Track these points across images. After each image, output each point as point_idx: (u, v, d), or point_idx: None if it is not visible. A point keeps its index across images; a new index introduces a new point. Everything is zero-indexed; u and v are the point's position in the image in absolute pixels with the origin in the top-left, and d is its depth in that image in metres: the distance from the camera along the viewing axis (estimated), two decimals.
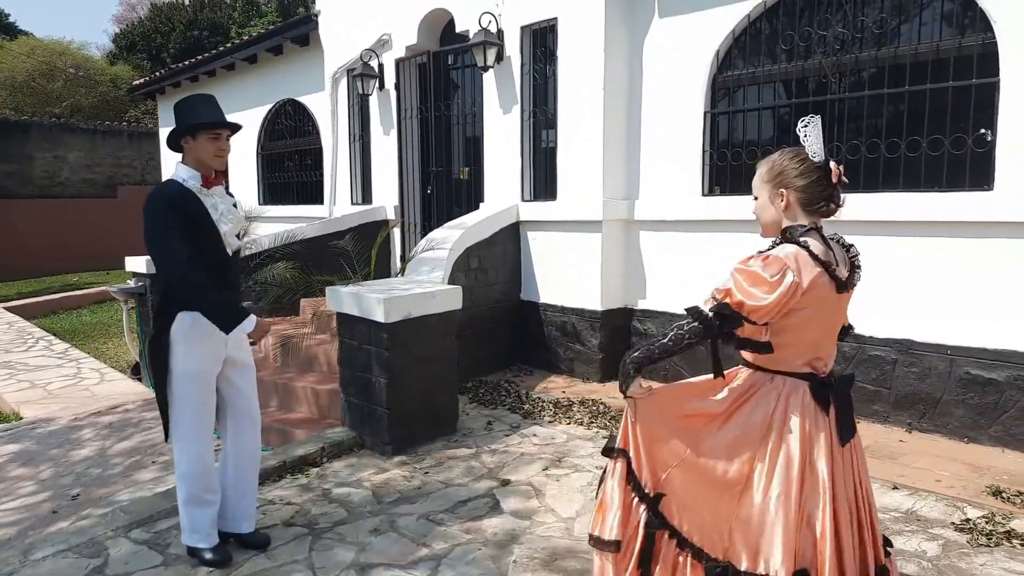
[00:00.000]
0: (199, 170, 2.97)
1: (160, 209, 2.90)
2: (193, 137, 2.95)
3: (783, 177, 2.13)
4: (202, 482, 3.14)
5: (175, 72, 11.91)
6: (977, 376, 4.31)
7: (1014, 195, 4.11)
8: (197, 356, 2.99)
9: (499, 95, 6.52)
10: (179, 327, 2.96)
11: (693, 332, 2.10)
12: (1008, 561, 3.07)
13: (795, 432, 2.06)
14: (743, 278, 2.03)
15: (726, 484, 2.13)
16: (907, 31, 4.58)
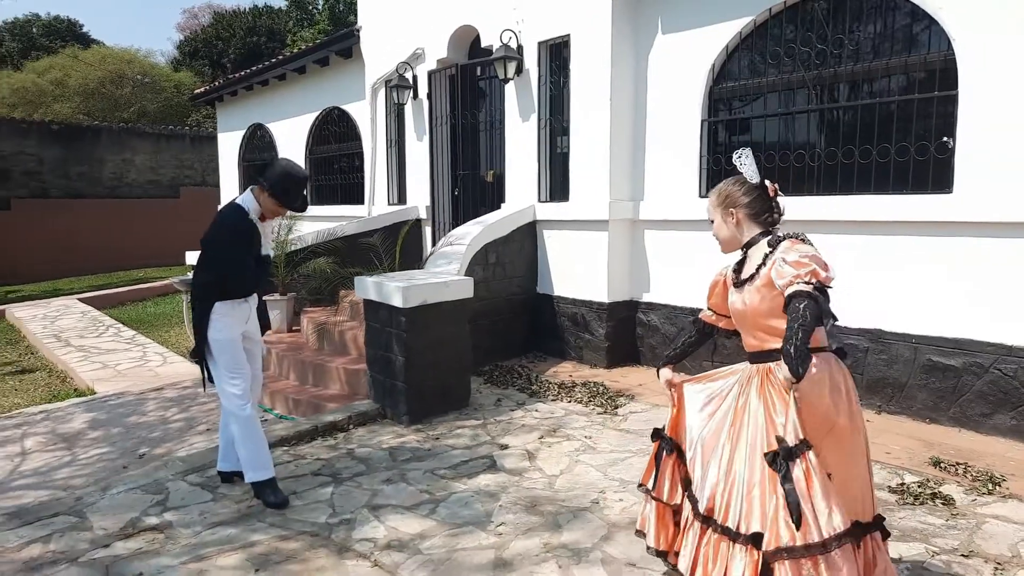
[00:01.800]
0: (264, 211, 3.89)
1: (226, 229, 3.85)
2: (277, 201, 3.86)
3: (731, 199, 2.60)
4: (250, 417, 3.89)
5: (232, 82, 12.82)
6: (938, 363, 4.72)
7: (971, 197, 4.52)
8: (228, 327, 3.86)
9: (519, 105, 7.11)
10: (218, 308, 3.84)
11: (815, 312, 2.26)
12: (926, 516, 3.52)
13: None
14: (811, 260, 2.31)
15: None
16: (880, 49, 4.99)
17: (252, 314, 4.07)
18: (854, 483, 2.47)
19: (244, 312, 3.96)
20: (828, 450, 2.40)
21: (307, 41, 22.80)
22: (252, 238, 3.86)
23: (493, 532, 3.49)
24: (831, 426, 2.40)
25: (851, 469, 2.46)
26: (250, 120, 13.00)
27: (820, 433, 2.38)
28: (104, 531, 3.56)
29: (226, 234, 3.82)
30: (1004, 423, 4.45)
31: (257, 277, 4.01)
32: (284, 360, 6.94)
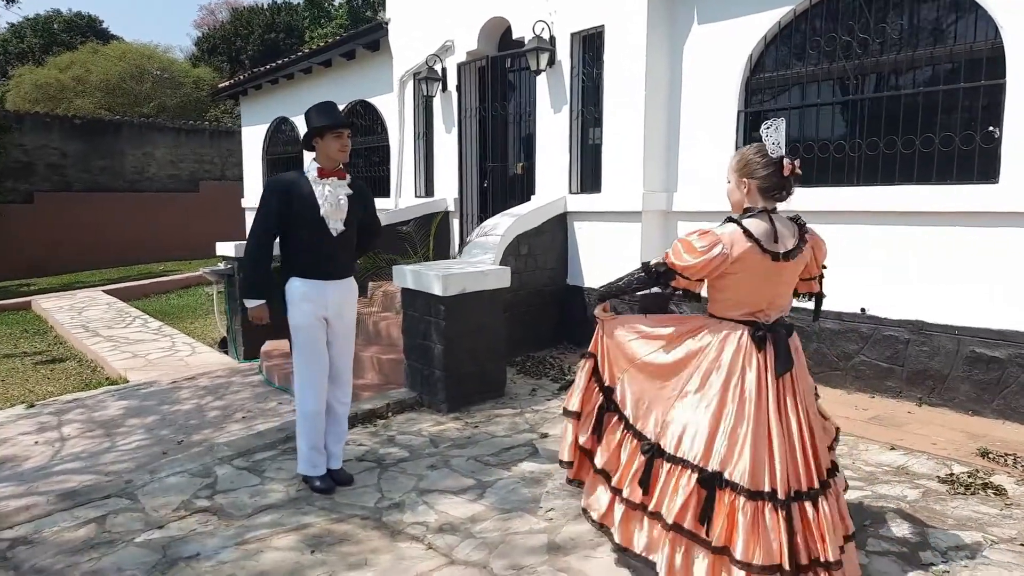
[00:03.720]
0: (322, 163, 3.64)
1: (265, 192, 3.70)
2: (321, 137, 3.61)
3: (747, 168, 2.68)
4: (316, 422, 3.81)
5: (256, 76, 12.88)
6: (982, 354, 4.68)
7: (1018, 187, 4.47)
8: (302, 310, 3.69)
9: (551, 96, 7.11)
10: (293, 286, 3.70)
11: (640, 280, 2.85)
12: (979, 505, 3.50)
13: (726, 362, 2.66)
14: (680, 246, 2.68)
15: (665, 389, 2.82)
16: (923, 37, 4.95)
17: (340, 298, 3.78)
18: (647, 408, 2.88)
19: (323, 295, 3.70)
20: (633, 380, 2.93)
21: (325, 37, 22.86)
22: (305, 199, 3.58)
23: (543, 517, 3.50)
24: (631, 363, 2.93)
25: (651, 400, 2.87)
26: (274, 114, 13.05)
27: (623, 365, 2.97)
28: (156, 513, 3.59)
29: (265, 194, 3.66)
30: None
31: (332, 255, 3.70)
32: None
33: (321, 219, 3.63)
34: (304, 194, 3.61)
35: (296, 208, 3.60)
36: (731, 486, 2.55)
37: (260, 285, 3.71)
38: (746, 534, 2.49)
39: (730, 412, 2.62)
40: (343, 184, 3.71)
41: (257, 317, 3.75)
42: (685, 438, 2.68)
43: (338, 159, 3.67)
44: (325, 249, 3.68)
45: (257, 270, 3.71)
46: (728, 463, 2.58)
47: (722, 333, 2.69)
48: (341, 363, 3.92)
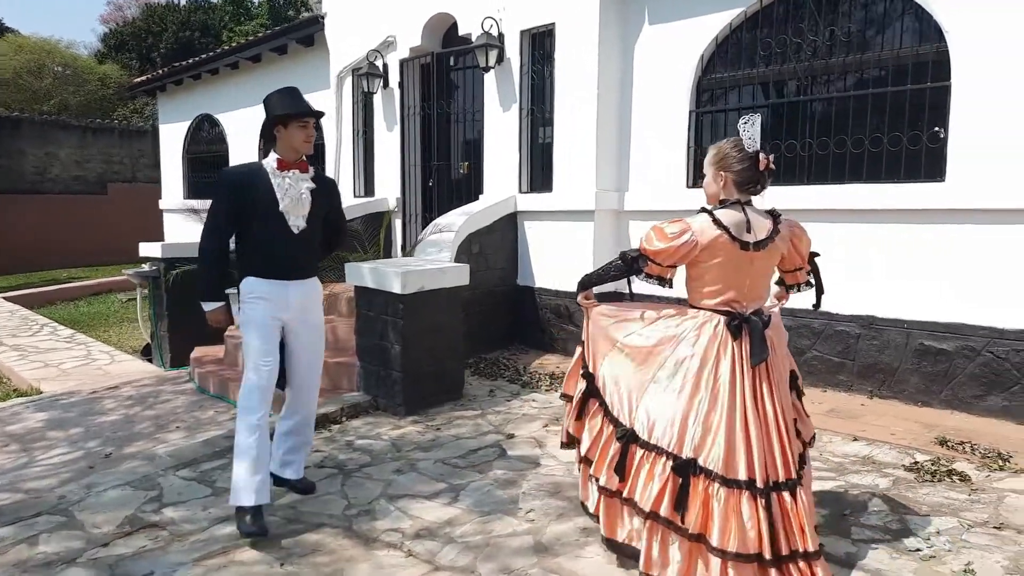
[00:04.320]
0: (283, 154, 3.29)
1: (218, 184, 3.35)
2: (284, 126, 3.26)
3: (724, 162, 2.77)
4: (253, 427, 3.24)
5: (177, 70, 12.25)
6: (930, 347, 4.84)
7: (964, 185, 4.65)
8: (258, 309, 3.31)
9: (499, 94, 7.00)
10: (247, 284, 3.35)
11: (617, 267, 2.93)
12: (947, 491, 3.58)
13: (700, 351, 2.72)
14: (653, 232, 2.80)
15: (639, 372, 2.86)
16: (871, 40, 5.11)
17: (303, 299, 3.41)
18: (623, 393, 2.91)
19: (284, 296, 3.33)
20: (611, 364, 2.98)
21: (246, 35, 22.07)
22: (263, 193, 3.24)
23: (524, 518, 3.36)
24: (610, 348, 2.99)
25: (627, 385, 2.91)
26: (197, 111, 12.45)
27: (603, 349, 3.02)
28: (99, 530, 3.26)
29: (216, 187, 3.33)
30: (996, 404, 4.59)
31: (294, 254, 3.35)
32: None
33: (280, 214, 3.28)
34: (262, 187, 3.26)
35: (253, 202, 3.25)
36: (705, 472, 2.59)
37: (218, 286, 3.37)
38: (721, 521, 2.53)
39: (703, 399, 2.67)
40: (305, 177, 3.36)
41: (216, 321, 3.41)
42: (659, 424, 2.72)
43: (302, 151, 3.32)
44: (285, 247, 3.33)
45: (213, 270, 3.35)
46: (702, 449, 2.62)
47: (698, 321, 2.77)
48: (309, 370, 3.56)
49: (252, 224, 3.29)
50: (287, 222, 3.31)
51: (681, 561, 2.58)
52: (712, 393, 2.66)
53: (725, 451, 2.58)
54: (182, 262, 7.37)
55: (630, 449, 2.78)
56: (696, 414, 2.66)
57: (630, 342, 2.91)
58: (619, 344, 2.95)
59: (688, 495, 2.59)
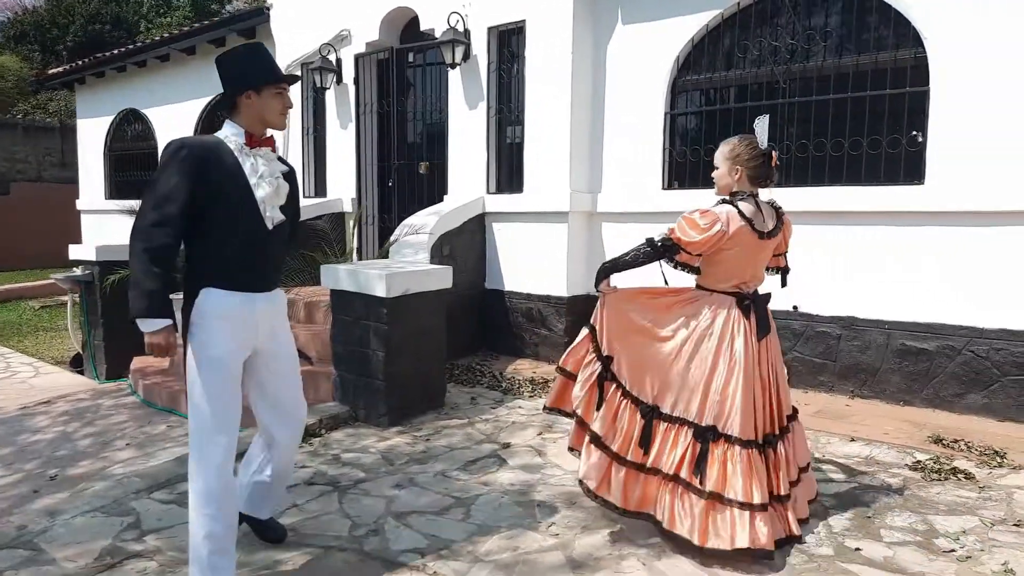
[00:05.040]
0: (251, 128, 2.60)
1: (169, 159, 2.46)
2: (258, 92, 2.58)
3: (740, 157, 3.03)
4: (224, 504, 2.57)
5: (99, 62, 11.43)
6: (911, 347, 4.92)
7: (942, 188, 4.76)
8: (219, 338, 2.52)
9: (465, 92, 6.79)
10: (204, 304, 2.53)
11: (646, 254, 3.06)
12: (957, 490, 3.60)
13: (717, 329, 2.99)
14: (685, 223, 2.99)
15: (661, 354, 3.07)
16: (850, 44, 5.19)
17: (273, 315, 2.71)
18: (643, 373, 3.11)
19: (252, 313, 2.59)
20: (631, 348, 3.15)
21: (168, 28, 20.95)
22: (231, 174, 2.52)
23: (548, 532, 3.17)
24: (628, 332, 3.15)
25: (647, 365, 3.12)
26: (121, 105, 11.66)
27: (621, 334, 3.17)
28: (74, 563, 2.87)
29: (167, 159, 2.46)
30: (976, 402, 4.70)
31: (266, 257, 2.66)
32: None
33: (254, 204, 2.56)
34: (229, 169, 2.52)
35: (218, 187, 2.49)
36: (725, 438, 2.90)
37: (164, 297, 2.40)
38: (745, 478, 2.84)
39: (721, 372, 2.95)
40: (274, 157, 2.70)
41: (161, 348, 2.46)
42: (681, 398, 3.01)
43: (278, 125, 2.66)
44: (259, 247, 2.61)
45: (155, 275, 2.38)
46: (721, 418, 2.92)
47: (714, 303, 3.04)
48: (289, 393, 2.82)
49: (215, 216, 2.50)
50: (261, 214, 2.58)
51: (700, 516, 2.86)
52: (729, 367, 2.95)
53: (742, 418, 2.90)
54: (121, 265, 6.80)
55: (653, 423, 3.04)
56: (715, 386, 2.95)
57: (652, 327, 3.11)
58: (640, 327, 3.12)
59: (707, 459, 2.89)
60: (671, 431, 3.01)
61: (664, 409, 3.04)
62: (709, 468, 2.89)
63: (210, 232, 2.53)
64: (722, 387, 2.95)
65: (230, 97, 2.63)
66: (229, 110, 2.65)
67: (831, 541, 3.07)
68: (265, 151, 2.64)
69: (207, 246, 2.55)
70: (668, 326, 3.09)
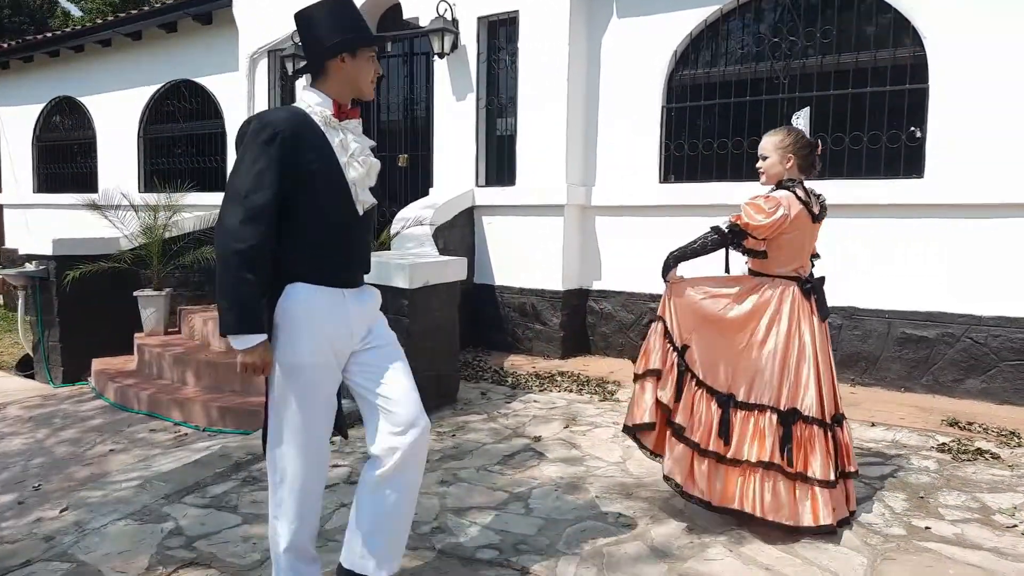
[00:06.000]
0: (339, 97, 2.24)
1: (255, 137, 2.10)
2: (353, 56, 2.22)
3: (792, 147, 3.09)
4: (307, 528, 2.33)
5: (28, 45, 10.64)
6: (911, 335, 5.09)
7: (941, 182, 4.94)
8: (310, 343, 2.18)
9: (452, 83, 6.63)
10: (290, 303, 2.18)
11: (714, 241, 3.09)
12: (990, 469, 3.72)
13: (786, 313, 3.03)
14: (751, 208, 3.00)
15: (734, 342, 3.06)
16: (850, 41, 5.33)
17: (366, 313, 2.35)
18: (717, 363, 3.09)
19: (345, 314, 2.24)
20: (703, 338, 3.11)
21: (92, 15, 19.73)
22: (321, 154, 2.17)
23: (617, 523, 3.08)
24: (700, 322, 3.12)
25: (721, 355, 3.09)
26: (53, 92, 10.89)
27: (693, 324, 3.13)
28: (124, 574, 2.58)
29: (253, 143, 2.10)
30: (975, 387, 4.90)
31: (360, 247, 2.36)
32: (183, 364, 5.76)
33: (346, 187, 2.24)
34: (319, 146, 2.18)
35: (307, 169, 2.15)
36: (803, 419, 2.94)
37: (257, 309, 2.09)
38: (822, 457, 2.91)
39: (793, 355, 2.99)
40: (360, 132, 2.33)
41: (256, 368, 2.11)
42: (757, 384, 3.01)
43: (368, 94, 2.32)
44: (350, 235, 2.29)
45: (248, 283, 2.05)
46: (797, 399, 2.96)
47: (779, 288, 3.06)
48: (400, 394, 2.31)
49: (300, 202, 2.16)
50: (353, 198, 2.26)
51: (787, 500, 2.89)
52: (799, 349, 3.00)
53: (817, 397, 2.96)
54: (80, 260, 6.33)
55: (730, 412, 3.02)
56: (789, 369, 2.98)
57: (724, 315, 3.08)
58: (714, 317, 3.10)
59: (792, 440, 2.92)
60: (750, 419, 3.00)
61: (740, 397, 3.03)
62: (796, 450, 2.93)
63: (294, 220, 2.17)
64: (795, 370, 2.99)
65: (319, 61, 2.24)
66: (313, 75, 2.27)
67: (898, 521, 3.10)
68: (354, 124, 2.30)
69: (291, 236, 2.18)
70: (737, 314, 3.07)
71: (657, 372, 3.14)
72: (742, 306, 3.08)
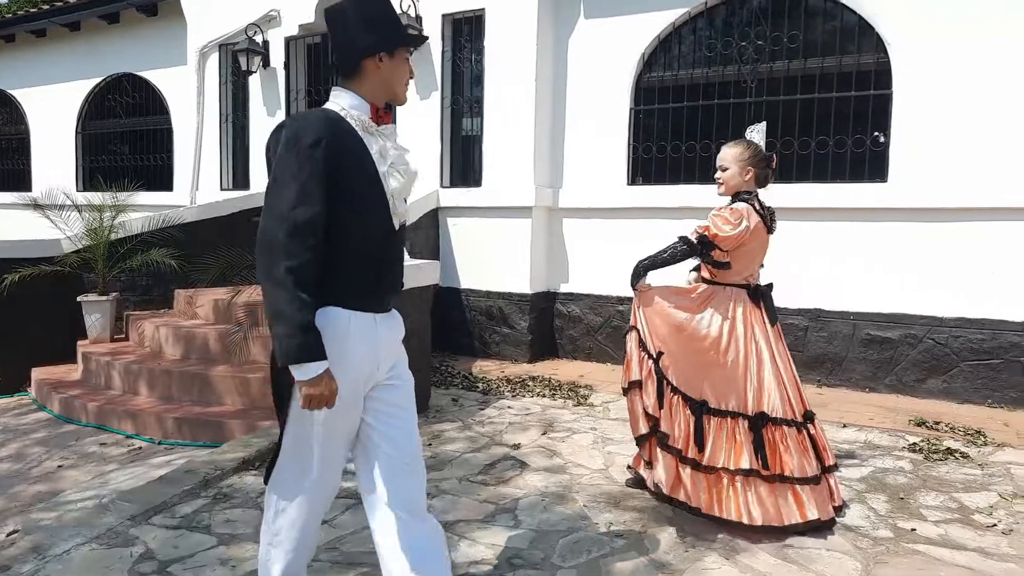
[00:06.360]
0: (373, 100, 2.04)
1: (294, 144, 1.86)
2: (390, 55, 2.03)
3: (751, 160, 3.21)
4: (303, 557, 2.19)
5: None
6: (875, 336, 5.19)
7: (904, 186, 5.05)
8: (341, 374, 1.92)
9: (416, 81, 6.49)
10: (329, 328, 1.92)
11: (683, 251, 3.16)
12: (962, 469, 3.80)
13: (740, 320, 3.14)
14: (718, 219, 3.10)
15: (700, 350, 3.14)
16: (816, 47, 5.40)
17: (394, 342, 2.14)
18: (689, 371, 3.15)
19: (375, 340, 2.01)
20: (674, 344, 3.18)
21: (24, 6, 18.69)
22: (361, 162, 1.96)
23: (610, 534, 3.02)
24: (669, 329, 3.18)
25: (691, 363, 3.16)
26: None
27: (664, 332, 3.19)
28: None
29: (296, 148, 1.85)
30: (936, 386, 5.02)
31: (395, 265, 2.15)
32: (134, 373, 5.47)
33: (384, 198, 2.01)
34: (358, 153, 1.96)
35: (350, 177, 1.93)
36: (771, 421, 3.03)
37: (318, 333, 1.85)
38: (798, 456, 3.00)
39: (753, 361, 3.10)
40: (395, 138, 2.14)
41: (325, 399, 1.87)
42: (726, 392, 3.09)
43: (402, 98, 2.13)
44: (385, 252, 2.06)
45: (306, 305, 1.83)
46: (762, 402, 3.05)
47: (731, 296, 3.17)
48: (413, 445, 2.13)
49: (343, 214, 1.94)
50: (391, 211, 2.04)
51: (771, 503, 2.95)
52: (757, 354, 3.11)
53: (781, 398, 3.07)
54: (19, 264, 5.94)
55: (703, 419, 3.06)
56: (750, 375, 3.08)
57: (688, 323, 3.17)
58: (679, 324, 3.18)
59: (764, 443, 3.00)
60: (723, 425, 3.07)
61: (712, 404, 3.09)
62: (770, 453, 3.00)
63: (329, 235, 1.93)
64: (756, 375, 3.10)
65: (354, 60, 2.03)
66: (346, 76, 2.05)
67: (884, 523, 3.13)
68: (389, 129, 2.09)
69: (325, 254, 1.94)
70: (701, 321, 3.17)
71: (639, 383, 3.18)
72: (702, 314, 3.18)
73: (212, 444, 4.57)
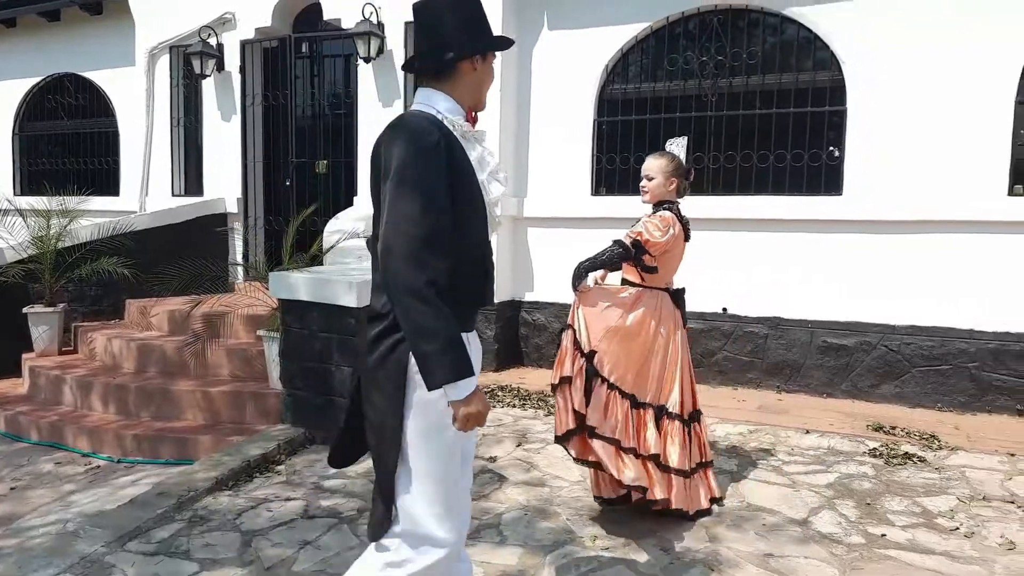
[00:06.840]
0: (469, 104, 2.00)
1: (415, 145, 1.76)
2: (484, 59, 1.98)
3: (677, 171, 3.42)
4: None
5: None
6: (832, 343, 5.38)
7: (858, 199, 5.25)
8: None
9: (378, 88, 6.44)
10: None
11: (619, 254, 3.29)
12: (921, 473, 3.97)
13: (667, 320, 3.38)
14: (651, 226, 3.29)
15: (632, 349, 3.30)
16: (774, 64, 5.57)
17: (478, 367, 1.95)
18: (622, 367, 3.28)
19: (476, 363, 1.90)
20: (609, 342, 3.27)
21: None
22: (465, 170, 1.88)
23: (597, 548, 3.06)
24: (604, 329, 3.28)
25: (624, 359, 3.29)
26: None
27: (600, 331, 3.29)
28: None
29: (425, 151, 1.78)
30: (889, 391, 5.23)
31: (492, 278, 2.08)
32: (87, 388, 5.27)
33: (484, 207, 1.96)
34: (462, 159, 1.89)
35: (459, 184, 1.86)
36: (667, 414, 3.31)
37: (463, 343, 1.78)
38: (680, 448, 3.27)
39: (671, 358, 3.37)
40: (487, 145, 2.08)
41: (481, 417, 1.82)
42: (650, 386, 3.32)
43: (483, 103, 2.06)
44: (484, 264, 2.00)
45: (449, 318, 1.73)
46: (667, 397, 3.33)
47: (656, 299, 3.38)
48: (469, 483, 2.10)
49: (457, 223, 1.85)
50: (490, 221, 1.99)
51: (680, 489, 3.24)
52: (673, 354, 3.37)
53: (680, 395, 3.34)
54: None
55: (637, 410, 3.27)
56: (664, 370, 3.35)
57: (622, 323, 3.30)
58: (614, 325, 3.29)
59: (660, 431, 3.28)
60: (645, 416, 3.29)
61: (639, 398, 3.31)
62: (669, 444, 3.27)
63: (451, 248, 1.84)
64: (668, 370, 3.36)
65: (451, 62, 1.93)
66: (436, 77, 1.96)
67: (855, 529, 3.25)
68: (483, 135, 2.03)
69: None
70: (632, 321, 3.33)
71: (569, 379, 3.26)
72: (635, 313, 3.34)
73: (176, 462, 4.46)
